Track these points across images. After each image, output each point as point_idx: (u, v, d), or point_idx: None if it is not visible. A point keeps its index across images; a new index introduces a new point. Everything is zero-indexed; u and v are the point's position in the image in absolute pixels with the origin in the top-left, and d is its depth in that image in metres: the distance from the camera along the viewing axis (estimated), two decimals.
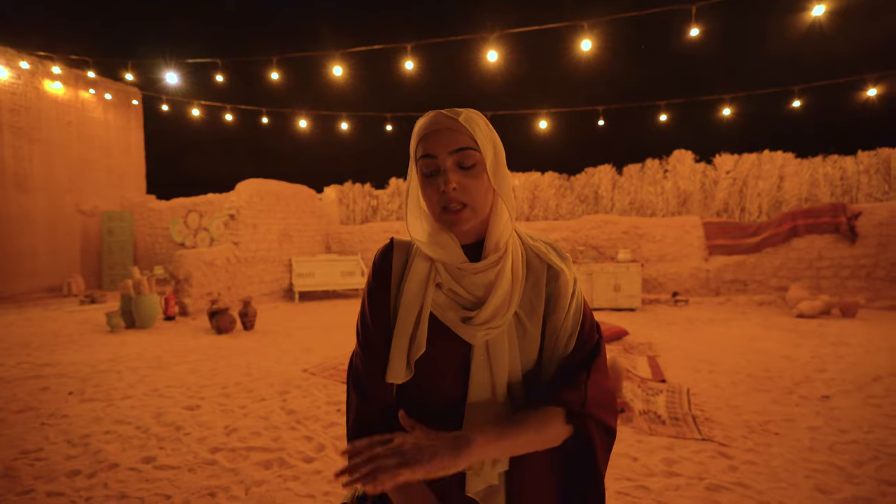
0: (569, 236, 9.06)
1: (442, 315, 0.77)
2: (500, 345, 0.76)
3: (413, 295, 0.78)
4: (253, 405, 3.39)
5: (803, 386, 3.74)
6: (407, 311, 0.78)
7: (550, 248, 0.85)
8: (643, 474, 2.41)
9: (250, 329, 6.20)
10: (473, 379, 0.76)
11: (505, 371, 0.76)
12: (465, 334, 0.76)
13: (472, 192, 0.75)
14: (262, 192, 8.90)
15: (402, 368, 0.76)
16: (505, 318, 0.76)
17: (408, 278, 0.79)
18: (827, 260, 7.65)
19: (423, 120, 0.77)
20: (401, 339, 0.77)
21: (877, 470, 2.43)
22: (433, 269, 0.79)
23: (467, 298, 0.77)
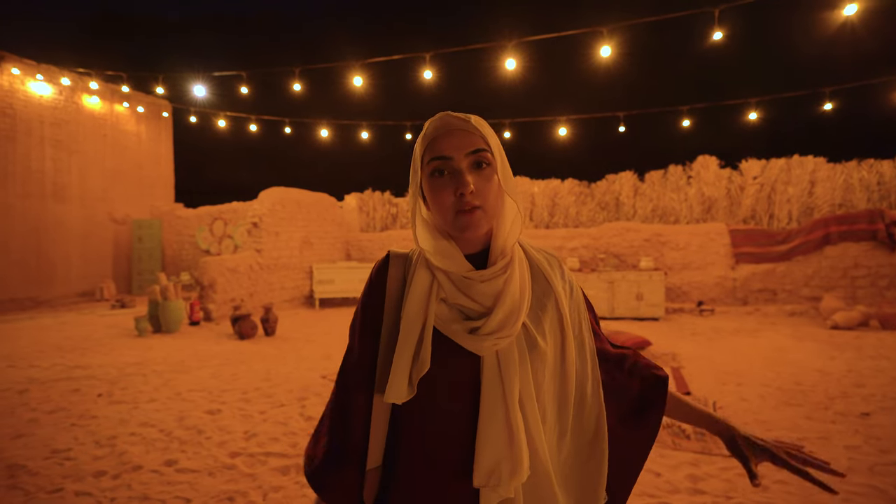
0: (589, 244, 8.92)
1: (446, 328, 0.73)
2: (510, 355, 0.73)
3: (415, 309, 0.75)
4: (272, 411, 3.43)
5: (839, 401, 3.57)
6: (409, 327, 0.74)
7: (554, 260, 0.87)
8: (667, 490, 2.33)
9: (271, 335, 6.29)
10: (485, 392, 0.72)
11: (516, 384, 0.72)
12: (472, 346, 0.72)
13: (486, 194, 0.74)
14: (284, 200, 9.07)
15: (404, 387, 0.72)
16: (515, 328, 0.73)
17: (409, 292, 0.76)
18: (864, 268, 7.33)
19: (434, 121, 0.76)
20: (403, 356, 0.73)
21: None
22: (435, 281, 0.76)
23: (474, 309, 0.74)
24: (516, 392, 0.73)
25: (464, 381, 0.74)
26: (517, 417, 0.72)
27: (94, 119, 11.53)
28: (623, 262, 8.55)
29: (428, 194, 0.76)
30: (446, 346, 0.74)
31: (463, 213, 0.73)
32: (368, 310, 0.81)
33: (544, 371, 0.77)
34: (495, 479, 0.69)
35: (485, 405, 0.72)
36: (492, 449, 0.70)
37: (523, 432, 0.71)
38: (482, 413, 0.72)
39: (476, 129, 0.75)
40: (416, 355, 0.73)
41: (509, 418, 0.71)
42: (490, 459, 0.70)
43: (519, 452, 0.70)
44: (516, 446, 0.70)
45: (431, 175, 0.75)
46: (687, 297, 8.22)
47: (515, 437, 0.70)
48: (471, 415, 0.73)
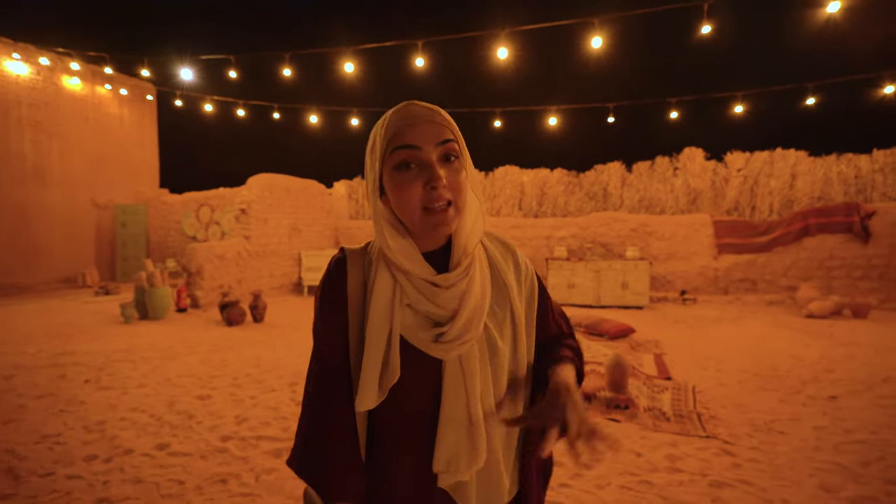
0: (577, 233, 9.04)
1: (413, 337, 0.72)
2: (472, 358, 0.74)
3: (380, 317, 0.72)
4: (262, 396, 3.47)
5: (811, 386, 3.73)
6: (375, 335, 0.72)
7: (508, 252, 0.84)
8: (647, 469, 2.44)
9: (260, 322, 6.29)
10: (447, 394, 0.73)
11: (478, 385, 0.73)
12: (437, 353, 0.72)
13: (456, 188, 0.69)
14: (272, 187, 8.99)
15: (374, 396, 0.71)
16: (478, 330, 0.72)
17: (372, 298, 0.73)
18: (839, 260, 7.56)
19: (398, 111, 0.71)
20: (371, 366, 0.71)
21: (882, 470, 2.43)
22: (398, 286, 0.73)
23: (440, 315, 0.72)
24: (478, 392, 0.73)
25: (427, 384, 0.75)
26: (478, 415, 0.73)
27: (75, 101, 11.22)
28: (610, 252, 8.68)
29: (391, 189, 0.71)
30: (412, 353, 0.73)
31: (433, 211, 0.68)
32: (330, 313, 0.76)
33: (504, 368, 0.77)
34: (454, 467, 0.73)
35: (445, 406, 0.73)
36: (450, 444, 0.73)
37: (483, 427, 0.73)
38: (443, 412, 0.73)
39: (444, 119, 0.71)
40: (384, 363, 0.71)
41: (470, 416, 0.72)
42: (448, 451, 0.73)
43: (478, 447, 0.73)
44: (475, 441, 0.73)
45: (397, 168, 0.69)
46: (671, 286, 8.40)
47: (475, 434, 0.73)
48: (434, 411, 0.74)
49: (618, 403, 3.15)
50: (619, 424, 2.99)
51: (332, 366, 0.77)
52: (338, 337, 0.76)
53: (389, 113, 0.72)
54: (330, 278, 0.77)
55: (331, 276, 0.77)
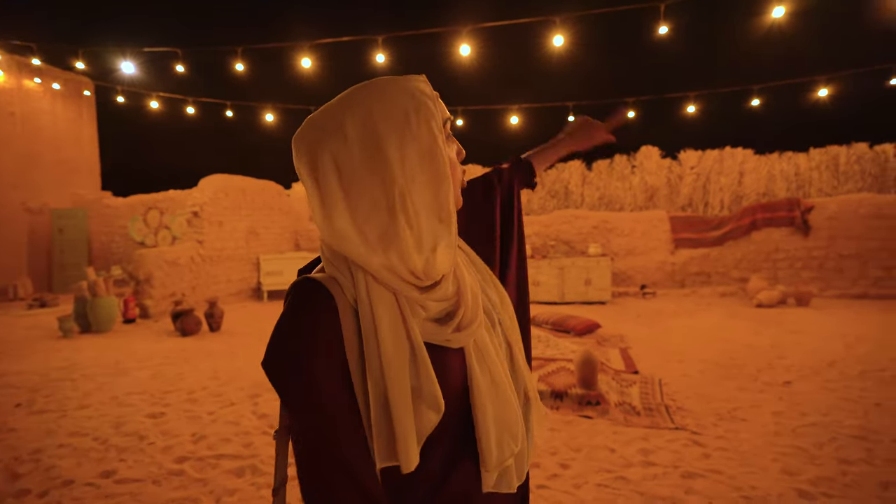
0: (540, 231, 9.15)
1: (435, 336, 0.63)
2: (482, 337, 0.70)
3: (399, 347, 0.58)
4: (222, 410, 3.25)
5: (766, 373, 3.89)
6: (396, 367, 0.57)
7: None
8: (621, 465, 2.44)
9: (217, 330, 5.97)
10: (476, 383, 0.67)
11: (497, 363, 0.71)
12: (459, 341, 0.65)
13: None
14: (227, 189, 8.59)
15: (415, 444, 0.57)
16: (481, 308, 0.69)
17: (380, 328, 0.57)
18: (783, 252, 8.02)
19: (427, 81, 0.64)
20: (403, 405, 0.57)
21: (836, 450, 2.55)
22: (402, 302, 0.60)
23: (443, 302, 0.64)
24: (499, 368, 0.71)
25: (454, 379, 0.68)
26: (508, 392, 0.69)
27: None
28: (572, 249, 8.84)
29: (446, 168, 0.59)
30: (434, 355, 0.63)
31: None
32: (328, 367, 0.57)
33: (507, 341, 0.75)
34: (508, 452, 0.68)
35: (478, 394, 0.66)
36: (496, 429, 0.68)
37: (516, 404, 0.70)
38: (477, 402, 0.65)
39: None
40: (417, 394, 0.58)
41: (502, 393, 0.69)
42: (497, 439, 0.68)
43: (515, 421, 0.70)
44: (512, 417, 0.69)
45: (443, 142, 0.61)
46: (631, 281, 8.65)
47: (512, 413, 0.69)
48: (460, 407, 0.68)
49: (589, 400, 3.16)
50: (592, 421, 3.00)
51: (350, 429, 0.57)
52: (345, 395, 0.57)
53: (423, 79, 0.68)
54: (308, 320, 0.56)
55: (310, 317, 0.56)
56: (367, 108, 0.58)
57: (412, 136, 0.58)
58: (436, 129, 0.59)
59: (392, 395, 0.56)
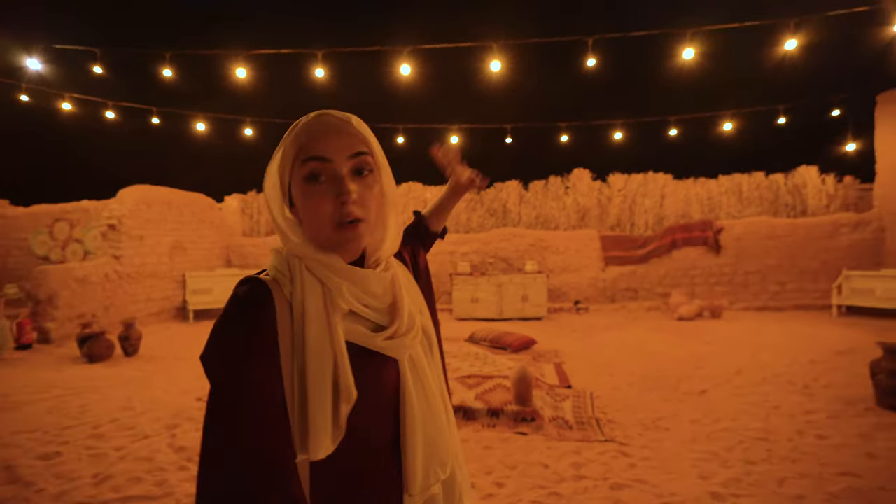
0: (479, 248, 9.33)
1: (366, 340, 0.67)
2: (419, 356, 0.74)
3: (318, 330, 0.63)
4: (133, 445, 2.95)
5: (685, 383, 4.18)
6: (318, 354, 0.62)
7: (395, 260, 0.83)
8: (554, 481, 2.50)
9: (133, 355, 5.46)
10: (409, 400, 0.70)
11: (432, 382, 0.74)
12: (393, 350, 0.68)
13: (368, 204, 0.67)
14: (150, 200, 7.98)
15: (329, 432, 0.61)
16: (419, 323, 0.73)
17: (305, 311, 0.63)
18: (699, 269, 8.74)
19: (309, 119, 0.67)
20: (320, 394, 0.61)
21: (742, 452, 2.78)
22: (326, 289, 0.65)
23: (377, 310, 0.69)
24: (435, 391, 0.73)
25: (386, 392, 0.70)
26: (440, 413, 0.73)
27: None
28: (510, 266, 9.09)
29: (300, 201, 0.67)
30: (362, 361, 0.66)
31: (344, 227, 0.65)
32: (268, 366, 0.61)
33: (439, 362, 0.79)
34: (433, 478, 0.70)
35: (410, 412, 0.70)
36: (423, 454, 0.70)
37: (447, 426, 0.73)
38: (409, 421, 0.69)
39: (357, 130, 0.68)
40: (335, 385, 0.62)
41: (435, 415, 0.72)
42: (423, 464, 0.69)
43: (446, 448, 0.72)
44: (443, 443, 0.72)
45: (306, 180, 0.65)
46: (566, 297, 9.01)
47: (443, 434, 0.72)
48: (389, 425, 0.70)
49: (524, 416, 3.22)
50: (527, 437, 3.05)
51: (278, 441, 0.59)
52: (276, 388, 0.61)
53: (301, 121, 0.68)
54: (249, 315, 0.61)
55: (251, 312, 0.61)
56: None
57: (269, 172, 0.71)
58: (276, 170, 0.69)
59: (310, 384, 0.60)
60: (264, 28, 13.57)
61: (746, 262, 8.56)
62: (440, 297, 9.32)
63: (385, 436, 0.69)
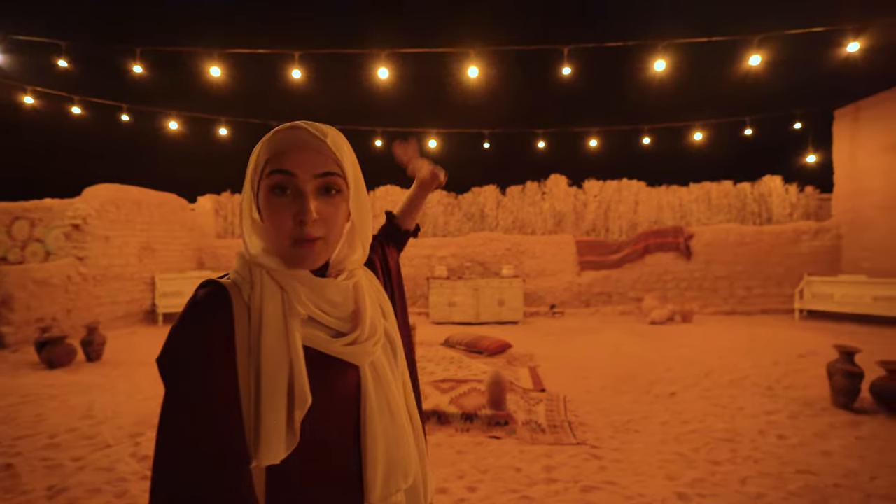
0: (457, 252, 9.36)
1: (325, 346, 0.66)
2: (382, 364, 0.73)
3: (276, 334, 0.63)
4: (93, 455, 2.83)
5: (656, 385, 4.28)
6: (273, 358, 0.62)
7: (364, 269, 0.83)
8: (526, 484, 2.51)
9: (96, 360, 5.25)
10: (370, 408, 0.69)
11: (395, 391, 0.74)
12: (354, 357, 0.68)
13: (331, 223, 0.67)
14: (118, 200, 7.72)
15: (283, 439, 0.60)
16: (382, 330, 0.74)
17: (263, 314, 0.63)
18: (671, 274, 8.97)
19: (282, 132, 0.66)
20: (274, 398, 0.61)
21: (708, 453, 2.86)
22: (284, 294, 0.65)
23: (339, 317, 0.69)
24: (398, 398, 0.73)
25: (345, 399, 0.69)
26: (403, 421, 0.73)
27: None
28: (487, 270, 9.14)
29: (265, 211, 0.66)
30: (321, 367, 0.66)
31: (301, 245, 0.65)
32: (221, 368, 0.61)
33: (405, 371, 0.80)
34: (394, 487, 0.69)
35: (371, 420, 0.69)
36: (384, 461, 0.69)
37: (411, 434, 0.73)
38: (369, 429, 0.69)
39: (331, 150, 0.67)
40: (289, 391, 0.61)
41: (397, 423, 0.71)
42: (384, 471, 0.69)
43: (408, 456, 0.71)
44: (405, 451, 0.71)
45: (272, 190, 0.65)
46: (542, 301, 9.11)
47: (405, 442, 0.72)
48: (350, 433, 0.70)
49: (498, 420, 3.24)
50: (500, 441, 3.07)
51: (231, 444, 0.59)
52: (234, 395, 0.61)
53: (275, 130, 0.67)
54: (206, 318, 0.61)
55: (207, 320, 0.61)
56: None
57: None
58: (249, 174, 0.69)
59: (264, 388, 0.60)
60: (242, 27, 13.34)
61: (715, 268, 8.83)
62: (417, 301, 9.30)
63: (345, 443, 0.69)
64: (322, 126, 0.68)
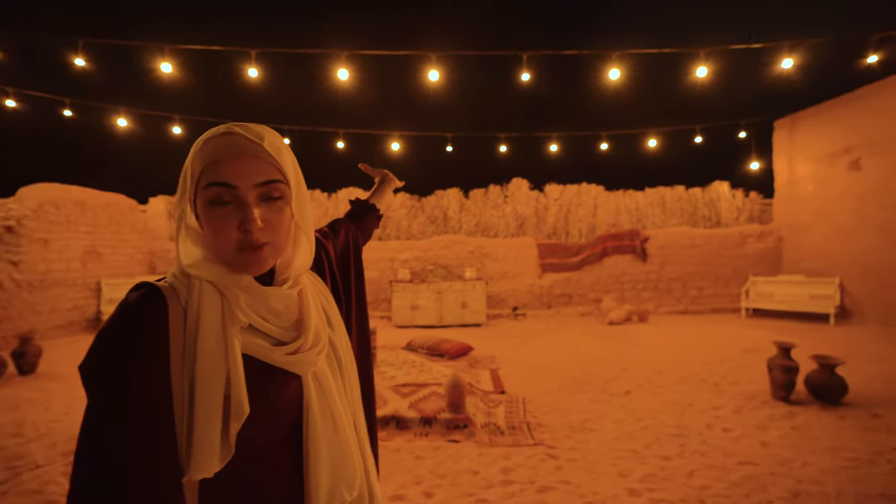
0: (420, 255, 9.34)
1: (266, 354, 0.64)
2: (326, 374, 0.71)
3: (213, 340, 0.60)
4: (20, 478, 2.62)
5: (612, 384, 4.40)
6: (210, 366, 0.59)
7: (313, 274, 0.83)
8: (483, 487, 2.52)
9: (30, 373, 4.89)
10: (312, 419, 0.67)
11: (338, 402, 0.71)
12: (295, 366, 0.66)
13: (276, 228, 0.65)
14: (58, 200, 7.25)
15: (217, 450, 0.57)
16: (326, 339, 0.72)
17: (201, 320, 0.61)
18: (628, 276, 9.28)
19: (214, 139, 0.63)
20: (209, 408, 0.58)
21: (659, 448, 2.96)
22: (225, 300, 0.63)
23: (281, 326, 0.67)
24: (340, 410, 0.71)
25: (286, 410, 0.67)
26: (347, 433, 0.71)
27: None
28: (450, 273, 9.16)
29: (205, 222, 0.63)
30: (261, 376, 0.64)
31: (248, 251, 0.63)
32: (149, 368, 0.57)
33: (353, 381, 0.78)
34: (338, 500, 0.68)
35: (313, 431, 0.67)
36: (328, 473, 0.67)
37: (356, 445, 0.72)
38: (311, 440, 0.67)
39: (269, 154, 0.64)
40: (225, 400, 0.59)
41: (340, 435, 0.70)
42: (327, 484, 0.67)
43: (353, 468, 0.69)
44: (351, 461, 0.69)
45: (211, 202, 0.62)
46: (504, 303, 9.22)
47: (349, 454, 0.70)
48: (292, 445, 0.67)
49: (457, 423, 3.24)
50: (459, 444, 3.06)
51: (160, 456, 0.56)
52: (165, 404, 0.57)
53: (208, 135, 0.64)
54: (137, 322, 0.58)
55: (142, 325, 0.58)
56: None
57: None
58: (181, 184, 0.66)
59: (198, 397, 0.57)
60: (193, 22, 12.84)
61: (669, 269, 9.21)
62: (380, 305, 9.20)
63: (286, 455, 0.67)
64: (256, 128, 0.65)
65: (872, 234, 7.23)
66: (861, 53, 6.35)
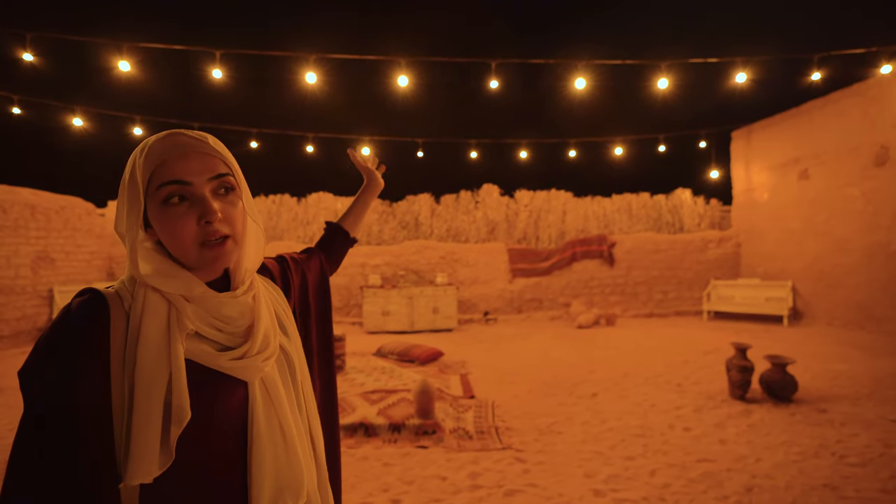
0: (391, 261, 9.28)
1: (210, 360, 0.64)
2: (275, 380, 0.71)
3: (155, 348, 0.60)
4: None
5: (580, 387, 4.47)
6: (150, 372, 0.59)
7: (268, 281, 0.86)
8: (450, 492, 2.51)
9: None
10: (258, 426, 0.67)
11: (287, 409, 0.71)
12: (242, 372, 0.66)
13: (234, 220, 0.67)
14: (5, 203, 6.86)
15: (156, 455, 0.57)
16: (276, 345, 0.71)
17: (142, 327, 0.61)
18: (597, 280, 9.49)
19: (161, 140, 0.65)
20: (149, 413, 0.57)
21: (623, 449, 3.02)
22: (173, 308, 0.63)
23: (230, 334, 0.67)
24: (289, 417, 0.71)
25: (232, 416, 0.66)
26: (294, 442, 0.70)
27: None
28: (422, 279, 9.14)
29: (160, 224, 0.64)
30: (206, 383, 0.64)
31: (211, 245, 0.64)
32: (90, 375, 0.57)
33: (306, 388, 0.78)
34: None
35: (258, 438, 0.67)
36: (272, 481, 0.67)
37: (300, 455, 0.71)
38: (256, 447, 0.66)
39: (215, 150, 0.67)
40: (166, 406, 0.58)
41: (287, 443, 0.69)
42: (271, 492, 0.66)
43: (299, 476, 0.69)
44: (296, 471, 0.69)
45: (165, 203, 0.63)
46: (475, 308, 9.26)
47: (295, 463, 0.69)
48: (238, 452, 0.67)
49: (426, 429, 3.22)
50: (427, 450, 3.05)
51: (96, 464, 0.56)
52: (103, 410, 0.58)
53: (151, 141, 0.66)
54: (77, 328, 0.58)
55: (81, 330, 0.58)
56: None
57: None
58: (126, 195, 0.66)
59: (137, 402, 0.57)
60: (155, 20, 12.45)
61: (636, 274, 9.47)
62: (350, 311, 9.09)
63: (230, 462, 0.66)
64: (196, 131, 0.68)
65: (820, 240, 7.66)
66: (805, 71, 6.78)
